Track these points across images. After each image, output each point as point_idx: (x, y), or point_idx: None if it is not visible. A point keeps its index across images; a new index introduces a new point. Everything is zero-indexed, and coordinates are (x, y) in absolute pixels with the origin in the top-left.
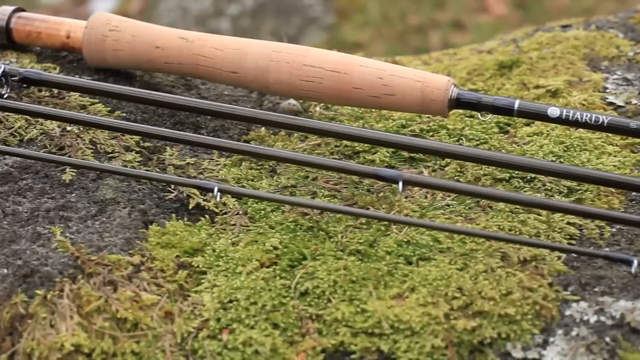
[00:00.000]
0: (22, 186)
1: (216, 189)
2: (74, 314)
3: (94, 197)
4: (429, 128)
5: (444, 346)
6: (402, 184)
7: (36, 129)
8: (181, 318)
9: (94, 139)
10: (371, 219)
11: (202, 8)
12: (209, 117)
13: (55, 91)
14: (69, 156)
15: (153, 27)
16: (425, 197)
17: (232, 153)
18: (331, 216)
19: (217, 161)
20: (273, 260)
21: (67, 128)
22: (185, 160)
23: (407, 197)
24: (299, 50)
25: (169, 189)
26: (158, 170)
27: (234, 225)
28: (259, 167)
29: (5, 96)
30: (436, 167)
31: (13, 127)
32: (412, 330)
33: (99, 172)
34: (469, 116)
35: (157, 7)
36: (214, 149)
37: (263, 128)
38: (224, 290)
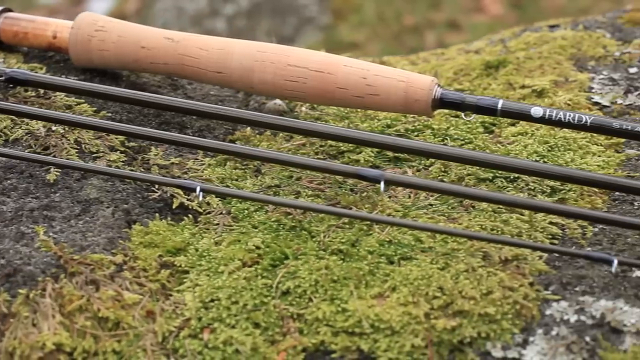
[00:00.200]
0: (6, 186)
1: (198, 189)
2: (56, 313)
3: (78, 197)
4: (414, 128)
5: (424, 345)
6: (383, 183)
7: (22, 129)
8: (163, 317)
9: (79, 139)
10: (354, 219)
11: (198, 8)
12: (194, 117)
13: (42, 91)
14: (54, 156)
15: (139, 27)
16: (409, 197)
17: (217, 153)
18: (314, 216)
19: (201, 161)
20: (255, 259)
21: (53, 128)
22: (169, 160)
23: (390, 197)
24: (283, 50)
25: (153, 188)
26: (142, 170)
27: (217, 224)
28: (243, 167)
29: None
30: (420, 167)
31: None
32: (392, 329)
33: (83, 172)
34: (454, 116)
35: (153, 7)
36: (198, 149)
37: (248, 128)
38: (205, 290)
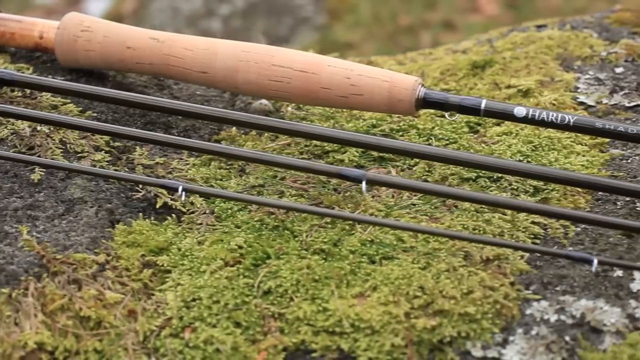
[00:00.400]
0: None
1: (180, 189)
2: (38, 312)
3: (62, 197)
4: (399, 128)
5: (404, 345)
6: (365, 183)
7: (7, 129)
8: (144, 316)
9: (64, 139)
10: (336, 219)
11: (193, 8)
12: (180, 117)
13: (28, 91)
14: (39, 156)
15: (124, 27)
16: (392, 197)
17: (201, 153)
18: (297, 215)
19: (186, 161)
20: (237, 259)
21: (38, 128)
22: (154, 160)
23: (373, 197)
24: (267, 50)
25: (137, 188)
26: (127, 169)
27: (200, 224)
28: (228, 167)
29: None
30: (405, 167)
31: None
32: (372, 329)
33: (67, 172)
34: (440, 116)
35: (149, 7)
36: (182, 149)
37: (234, 128)
38: (187, 289)
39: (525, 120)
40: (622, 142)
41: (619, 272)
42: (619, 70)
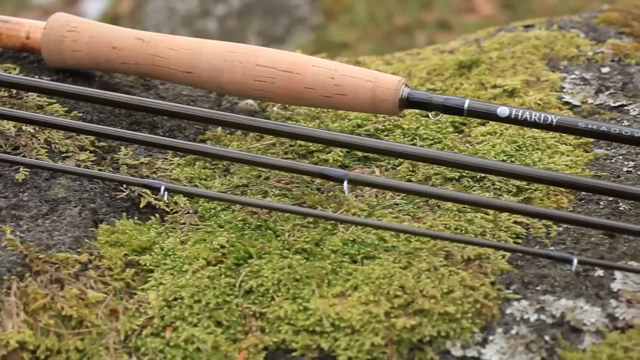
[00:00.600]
0: None
1: (163, 188)
2: (20, 311)
3: (46, 196)
4: (384, 128)
5: (384, 344)
6: (347, 183)
7: None
8: (126, 316)
9: (49, 139)
10: (318, 218)
11: (189, 8)
12: (165, 117)
13: (14, 91)
14: (23, 156)
15: (110, 27)
16: (375, 196)
17: (185, 153)
18: (280, 215)
19: (170, 160)
20: (219, 258)
21: (23, 128)
22: (139, 160)
23: (357, 196)
24: (252, 50)
25: (121, 188)
26: (111, 169)
27: (183, 224)
28: (212, 167)
29: None
30: (389, 167)
31: None
32: (352, 328)
33: (52, 172)
34: (425, 116)
35: (145, 7)
36: (167, 149)
37: (219, 128)
38: (169, 288)
39: (508, 120)
40: (607, 142)
41: (600, 272)
42: (605, 70)
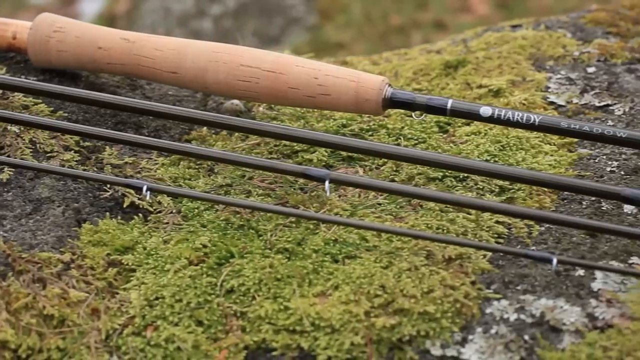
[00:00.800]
0: None
1: (145, 188)
2: (2, 310)
3: (30, 196)
4: (369, 127)
5: (363, 343)
6: (328, 183)
7: None
8: (107, 315)
9: (34, 139)
10: (301, 218)
11: (185, 8)
12: (150, 117)
13: (0, 91)
14: (8, 155)
15: (96, 28)
16: (358, 196)
17: (169, 153)
18: (262, 215)
19: (155, 160)
20: (201, 258)
21: (8, 128)
22: (123, 160)
23: (340, 196)
24: (237, 50)
25: (105, 188)
26: (95, 169)
27: (166, 223)
28: (197, 167)
29: None
30: (373, 166)
31: None
32: (332, 327)
33: (36, 172)
34: (409, 116)
35: (141, 7)
36: (151, 149)
37: (204, 128)
38: (150, 288)
39: (491, 120)
40: (591, 142)
41: (580, 272)
42: (590, 70)
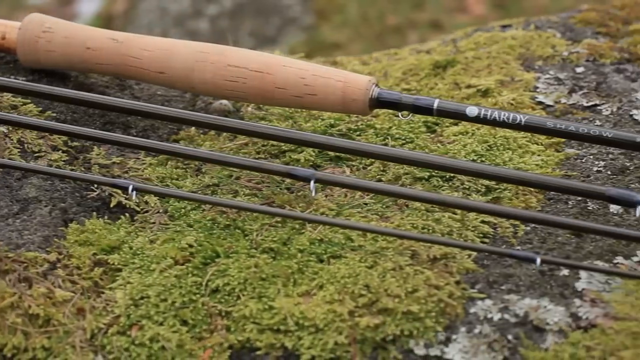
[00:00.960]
0: None
1: (131, 188)
2: None
3: (17, 196)
4: (356, 127)
5: (347, 343)
6: (314, 183)
7: None
8: (93, 314)
9: (22, 139)
10: (286, 218)
11: (181, 9)
12: (139, 117)
13: None
14: None
15: (85, 28)
16: (345, 196)
17: (157, 153)
18: (249, 214)
19: (142, 160)
20: (187, 257)
21: None
22: (111, 160)
23: (327, 196)
24: (224, 50)
25: (92, 187)
26: (83, 169)
27: (153, 223)
28: (184, 166)
29: None
30: (360, 166)
31: None
32: (316, 327)
33: (24, 172)
34: (397, 115)
35: (138, 7)
36: (138, 149)
37: (193, 128)
38: (136, 287)
39: (478, 119)
40: (578, 142)
41: (565, 271)
42: (579, 70)
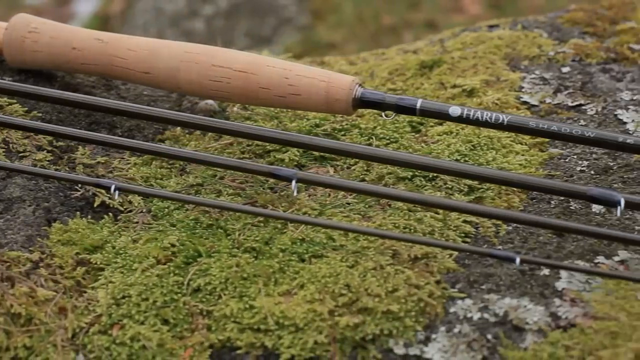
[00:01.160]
0: None
1: (113, 187)
2: None
3: (1, 195)
4: (341, 127)
5: (327, 342)
6: (295, 182)
7: None
8: (74, 314)
9: (7, 139)
10: (269, 218)
11: (177, 9)
12: (124, 117)
13: None
14: None
15: (71, 28)
16: (328, 196)
17: (141, 153)
18: (231, 214)
19: (127, 160)
20: (169, 257)
21: None
22: (96, 160)
23: (310, 196)
24: (209, 50)
25: (76, 187)
26: (67, 169)
27: (136, 223)
28: (169, 166)
29: None
30: (345, 166)
31: None
32: (296, 326)
33: (8, 171)
34: (381, 115)
35: (134, 7)
36: (123, 149)
37: (178, 128)
38: (118, 287)
39: (460, 119)
40: (562, 142)
41: (545, 271)
42: (565, 69)
